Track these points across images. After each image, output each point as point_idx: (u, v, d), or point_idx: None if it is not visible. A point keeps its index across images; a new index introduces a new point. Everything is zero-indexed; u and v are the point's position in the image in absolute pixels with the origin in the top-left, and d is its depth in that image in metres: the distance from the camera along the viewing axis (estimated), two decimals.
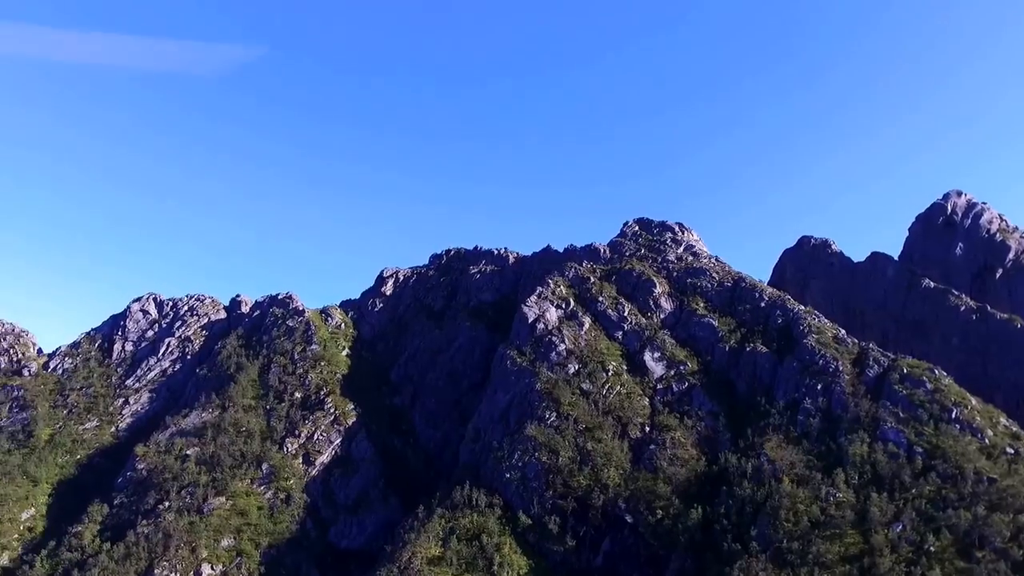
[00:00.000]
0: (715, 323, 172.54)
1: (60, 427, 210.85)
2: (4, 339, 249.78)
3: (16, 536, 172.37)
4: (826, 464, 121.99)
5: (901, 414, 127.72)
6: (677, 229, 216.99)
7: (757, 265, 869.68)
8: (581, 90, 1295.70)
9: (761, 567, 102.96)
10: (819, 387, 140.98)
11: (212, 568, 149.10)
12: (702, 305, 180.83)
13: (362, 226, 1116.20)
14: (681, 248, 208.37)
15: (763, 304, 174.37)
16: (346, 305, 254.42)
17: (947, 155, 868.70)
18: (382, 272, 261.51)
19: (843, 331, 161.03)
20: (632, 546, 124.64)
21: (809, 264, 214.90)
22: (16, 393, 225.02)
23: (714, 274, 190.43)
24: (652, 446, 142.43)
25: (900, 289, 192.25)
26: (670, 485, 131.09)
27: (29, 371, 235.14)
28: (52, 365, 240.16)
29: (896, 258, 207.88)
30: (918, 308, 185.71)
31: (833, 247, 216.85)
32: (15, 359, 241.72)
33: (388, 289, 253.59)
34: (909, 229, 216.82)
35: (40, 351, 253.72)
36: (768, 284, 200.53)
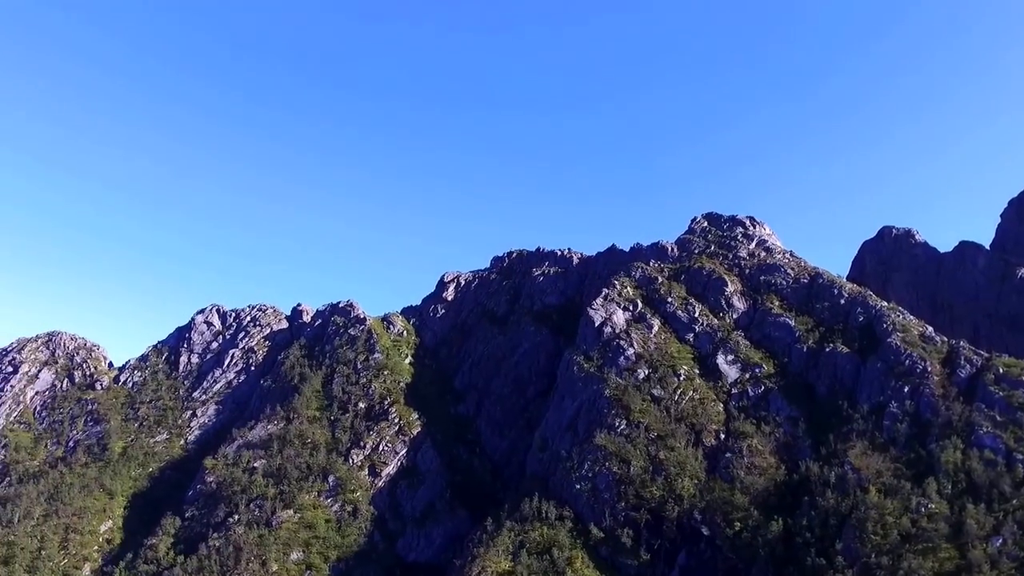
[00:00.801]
0: (791, 322, 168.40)
1: (132, 440, 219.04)
2: (77, 354, 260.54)
3: (96, 548, 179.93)
4: (916, 473, 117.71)
5: (998, 418, 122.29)
6: (748, 223, 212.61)
7: (835, 260, 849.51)
8: (645, 87, 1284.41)
9: None
10: (906, 389, 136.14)
11: None
12: (777, 303, 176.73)
13: (422, 230, 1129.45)
14: (753, 243, 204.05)
15: (843, 301, 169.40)
16: (407, 312, 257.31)
17: None
18: (443, 277, 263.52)
19: (930, 328, 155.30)
20: (709, 560, 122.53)
21: (891, 256, 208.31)
22: (90, 407, 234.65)
23: (789, 270, 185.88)
24: (728, 454, 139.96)
25: (993, 280, 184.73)
26: (748, 495, 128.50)
27: (101, 385, 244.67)
28: (123, 378, 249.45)
29: (987, 247, 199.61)
30: (1013, 301, 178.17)
31: (917, 237, 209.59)
32: (88, 373, 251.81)
33: (449, 294, 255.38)
34: (1001, 215, 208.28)
35: (111, 365, 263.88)
36: (847, 279, 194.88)
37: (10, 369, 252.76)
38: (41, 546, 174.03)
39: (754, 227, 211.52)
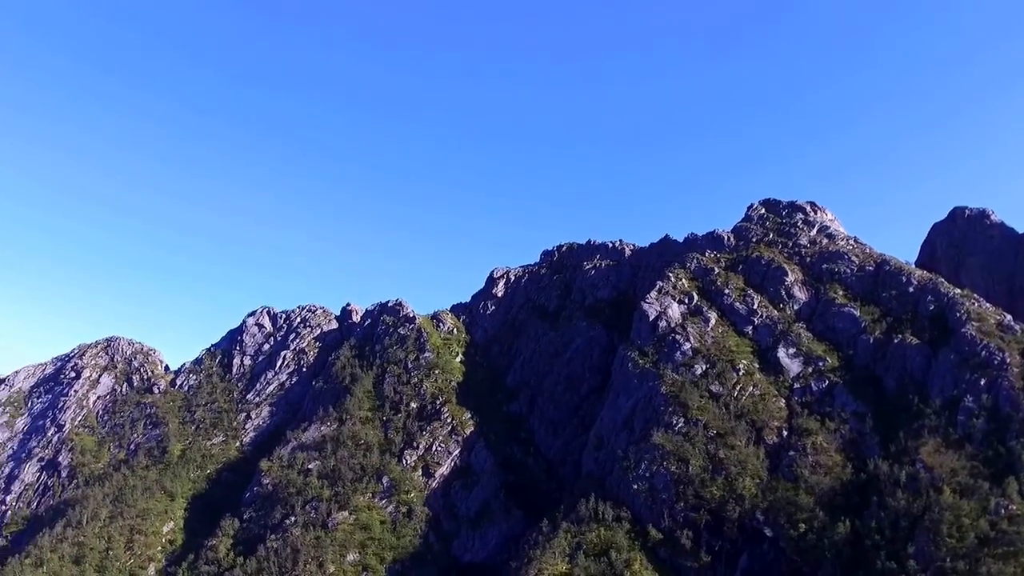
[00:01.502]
0: (857, 313, 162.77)
1: (190, 443, 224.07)
2: (135, 358, 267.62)
3: (159, 548, 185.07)
4: (994, 471, 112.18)
5: None
6: (809, 209, 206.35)
7: (903, 245, 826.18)
8: (696, 70, 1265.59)
9: None
10: (982, 382, 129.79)
11: None
12: (841, 293, 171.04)
13: (470, 226, 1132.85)
14: (814, 230, 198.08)
15: (911, 289, 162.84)
16: (457, 309, 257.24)
17: None
18: (492, 273, 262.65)
19: (1008, 316, 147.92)
20: (772, 562, 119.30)
21: (964, 239, 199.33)
22: (149, 410, 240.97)
23: (853, 257, 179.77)
24: (791, 452, 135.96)
25: None
26: (813, 495, 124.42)
27: (158, 388, 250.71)
28: (178, 382, 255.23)
29: None
30: None
31: (992, 217, 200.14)
32: (145, 377, 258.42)
33: (499, 290, 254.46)
34: None
35: (167, 368, 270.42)
36: (916, 265, 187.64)
37: (73, 375, 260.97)
38: (108, 546, 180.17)
39: (815, 213, 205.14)
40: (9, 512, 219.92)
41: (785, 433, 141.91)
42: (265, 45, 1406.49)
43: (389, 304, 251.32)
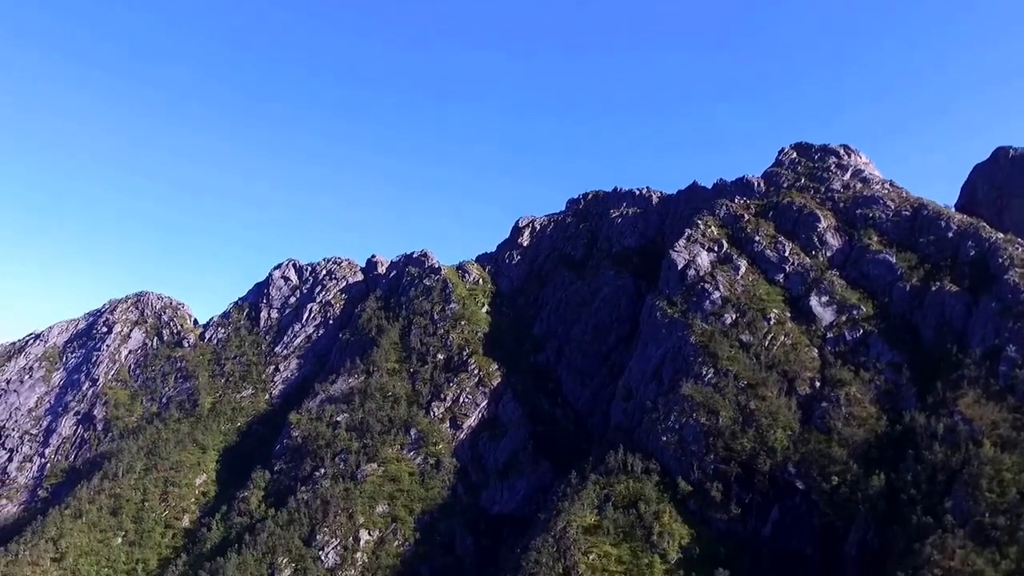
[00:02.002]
0: (892, 259, 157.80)
1: (220, 396, 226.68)
2: (164, 313, 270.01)
3: (193, 500, 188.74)
4: None
5: None
6: (842, 152, 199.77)
7: (941, 189, 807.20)
8: (720, 10, 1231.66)
9: (959, 544, 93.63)
10: None
11: (369, 534, 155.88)
12: (876, 239, 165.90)
13: (494, 174, 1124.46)
14: (848, 174, 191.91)
15: (951, 234, 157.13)
16: (482, 259, 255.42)
17: None
18: (517, 222, 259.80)
19: None
20: (804, 515, 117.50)
21: (1007, 181, 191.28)
22: (179, 364, 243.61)
23: (889, 202, 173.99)
24: (824, 404, 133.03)
25: None
26: (846, 448, 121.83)
27: (188, 342, 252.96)
28: (207, 335, 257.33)
29: None
30: None
31: None
32: (175, 331, 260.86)
33: (525, 240, 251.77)
34: None
35: (196, 322, 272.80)
36: (956, 209, 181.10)
37: (104, 330, 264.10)
38: (144, 498, 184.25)
39: (848, 156, 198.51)
40: (48, 465, 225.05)
41: (818, 384, 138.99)
42: None
43: (414, 255, 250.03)
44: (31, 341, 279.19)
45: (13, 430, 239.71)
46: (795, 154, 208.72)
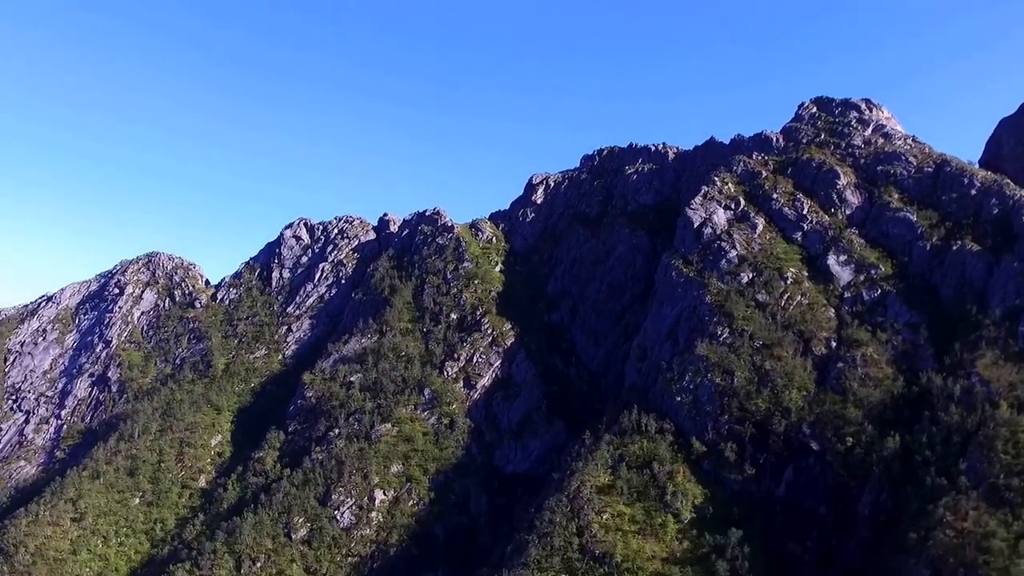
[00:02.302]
0: (913, 217, 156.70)
1: (233, 356, 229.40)
2: (175, 273, 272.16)
3: (208, 460, 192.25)
4: None
5: None
6: (863, 107, 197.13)
7: (965, 146, 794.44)
8: None
9: (972, 505, 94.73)
10: None
11: (384, 494, 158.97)
12: (896, 197, 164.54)
13: (507, 129, 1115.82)
14: (869, 130, 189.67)
15: (974, 191, 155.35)
16: (496, 217, 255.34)
17: None
18: (531, 179, 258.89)
19: None
20: (818, 476, 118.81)
21: None
22: (192, 325, 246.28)
23: (911, 158, 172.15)
24: (840, 364, 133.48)
25: None
26: (861, 409, 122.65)
27: (200, 303, 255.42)
28: (219, 296, 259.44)
29: None
30: None
31: None
32: (187, 292, 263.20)
33: (539, 197, 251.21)
34: None
35: (207, 283, 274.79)
36: (980, 165, 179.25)
37: (116, 291, 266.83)
38: (160, 459, 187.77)
39: (870, 111, 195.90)
40: (65, 426, 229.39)
41: (834, 344, 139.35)
42: None
43: (427, 213, 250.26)
44: (43, 303, 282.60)
45: (29, 392, 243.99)
46: (815, 108, 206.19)
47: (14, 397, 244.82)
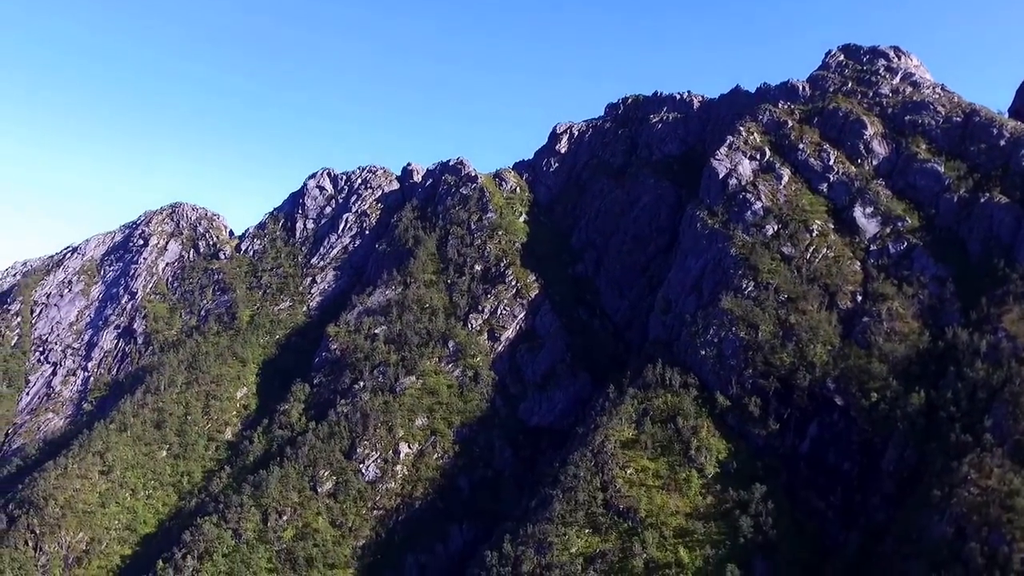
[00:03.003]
0: (941, 168, 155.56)
1: (258, 308, 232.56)
2: (199, 224, 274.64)
3: (234, 413, 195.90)
4: None
5: None
6: (892, 55, 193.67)
7: (997, 94, 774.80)
8: None
9: (997, 463, 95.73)
10: None
11: (409, 447, 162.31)
12: (924, 147, 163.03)
13: (531, 76, 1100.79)
14: (897, 78, 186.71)
15: (1003, 143, 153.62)
16: (520, 167, 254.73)
17: None
18: (555, 128, 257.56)
19: None
20: (843, 431, 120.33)
21: None
22: (216, 276, 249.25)
23: (939, 107, 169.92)
24: (865, 318, 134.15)
25: None
26: (886, 363, 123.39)
27: (224, 254, 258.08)
28: (243, 247, 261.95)
29: None
30: None
31: None
32: (211, 243, 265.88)
33: (563, 146, 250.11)
34: None
35: (231, 233, 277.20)
36: (1010, 114, 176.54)
37: (141, 242, 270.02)
38: (187, 411, 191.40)
39: (898, 59, 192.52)
40: (92, 378, 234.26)
41: (859, 298, 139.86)
42: None
43: (450, 163, 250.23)
44: (68, 255, 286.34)
45: (56, 344, 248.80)
46: (842, 56, 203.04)
47: (41, 349, 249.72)
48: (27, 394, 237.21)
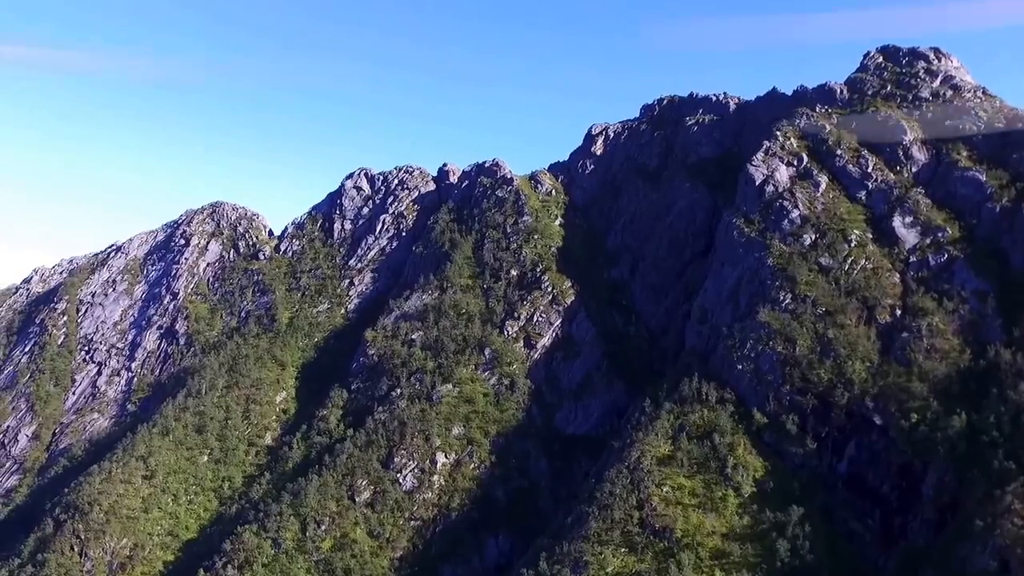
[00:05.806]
0: (982, 177, 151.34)
1: (297, 310, 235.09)
2: (239, 224, 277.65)
3: (274, 418, 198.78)
4: None
5: None
6: (932, 56, 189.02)
7: None
8: None
9: None
10: None
11: (446, 457, 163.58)
12: (965, 155, 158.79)
13: (567, 78, 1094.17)
14: (937, 81, 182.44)
15: None
16: (555, 168, 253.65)
17: None
18: (590, 129, 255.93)
19: None
20: (881, 452, 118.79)
21: None
22: (256, 277, 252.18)
23: (981, 112, 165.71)
24: (904, 334, 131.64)
25: None
26: (926, 382, 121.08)
27: (264, 255, 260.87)
28: (282, 247, 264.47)
29: None
30: None
31: None
32: (251, 243, 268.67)
33: (598, 148, 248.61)
34: None
35: (271, 233, 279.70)
36: None
37: (182, 242, 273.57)
38: (227, 416, 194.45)
39: (939, 60, 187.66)
40: (135, 379, 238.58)
41: (899, 312, 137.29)
42: None
43: (486, 164, 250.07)
44: (112, 253, 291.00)
45: (100, 343, 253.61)
46: (881, 58, 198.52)
47: (86, 348, 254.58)
48: (73, 393, 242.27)
